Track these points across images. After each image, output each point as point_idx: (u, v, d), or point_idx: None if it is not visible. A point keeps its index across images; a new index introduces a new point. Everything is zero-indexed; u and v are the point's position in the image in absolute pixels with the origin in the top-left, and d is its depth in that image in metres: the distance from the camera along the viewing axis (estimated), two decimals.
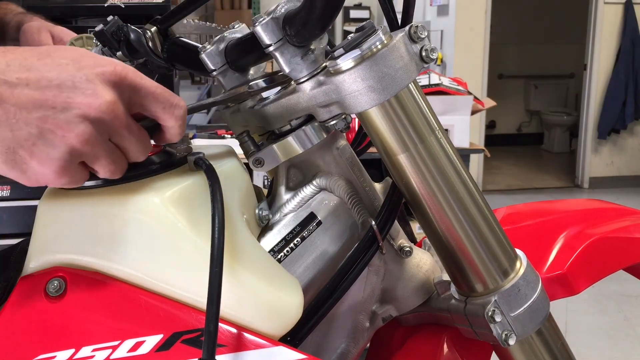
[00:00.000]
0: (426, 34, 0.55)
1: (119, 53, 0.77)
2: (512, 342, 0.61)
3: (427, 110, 0.59)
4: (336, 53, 0.53)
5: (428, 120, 0.59)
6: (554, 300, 0.78)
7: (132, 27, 0.74)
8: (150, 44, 0.72)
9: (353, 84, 0.53)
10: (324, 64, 0.56)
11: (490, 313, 0.61)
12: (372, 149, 0.75)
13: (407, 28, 0.54)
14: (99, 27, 0.77)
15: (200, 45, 0.68)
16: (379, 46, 0.52)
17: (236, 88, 0.62)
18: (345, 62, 0.53)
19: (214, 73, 0.65)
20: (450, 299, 0.67)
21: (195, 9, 0.70)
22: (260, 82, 0.60)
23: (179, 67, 0.73)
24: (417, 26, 0.54)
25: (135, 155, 0.50)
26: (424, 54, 0.55)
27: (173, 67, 0.74)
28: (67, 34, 0.94)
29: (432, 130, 0.59)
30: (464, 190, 0.60)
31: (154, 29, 0.72)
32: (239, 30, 0.68)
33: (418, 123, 0.58)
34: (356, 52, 0.52)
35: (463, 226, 0.61)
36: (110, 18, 0.76)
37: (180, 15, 0.71)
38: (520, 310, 0.62)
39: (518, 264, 0.64)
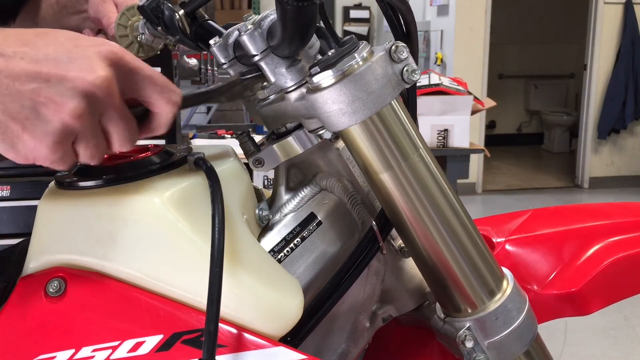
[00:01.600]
0: (407, 54, 0.53)
1: (159, 28, 0.78)
2: None
3: (410, 128, 0.57)
4: (312, 71, 0.52)
5: (411, 138, 0.56)
6: (560, 318, 0.73)
7: (168, 5, 0.75)
8: (180, 24, 0.73)
9: (324, 105, 0.52)
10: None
11: (462, 338, 0.60)
12: None
13: (387, 47, 0.53)
14: (142, 2, 0.77)
15: (224, 31, 0.68)
16: (354, 66, 0.50)
17: (231, 80, 0.62)
18: (319, 81, 0.51)
19: (224, 66, 0.66)
20: (434, 312, 0.67)
21: None
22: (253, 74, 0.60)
23: (204, 48, 0.74)
24: (398, 46, 0.52)
25: (120, 143, 0.48)
26: (405, 74, 0.53)
27: (200, 48, 0.75)
28: (131, 2, 0.95)
29: (415, 148, 0.57)
30: (448, 208, 0.59)
31: (181, 11, 0.73)
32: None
33: (401, 141, 0.56)
34: (328, 73, 0.51)
35: (447, 246, 0.59)
36: None
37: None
38: (498, 337, 0.60)
39: (505, 284, 0.63)
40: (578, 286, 0.72)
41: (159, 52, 0.91)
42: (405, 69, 0.52)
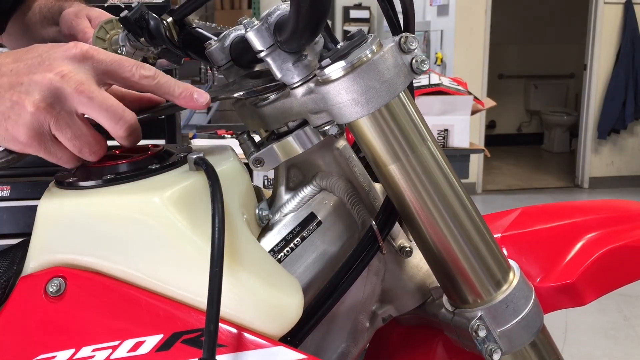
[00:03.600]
0: (416, 45, 0.54)
1: (142, 39, 0.78)
2: (496, 357, 0.60)
3: (419, 120, 0.58)
4: (323, 63, 0.52)
5: (419, 130, 0.57)
6: (558, 309, 0.75)
7: (153, 14, 0.75)
8: (167, 33, 0.72)
9: (337, 95, 0.52)
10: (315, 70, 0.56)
11: (474, 327, 0.60)
12: None
13: (397, 38, 0.53)
14: (124, 13, 0.77)
15: (214, 37, 0.68)
16: (364, 59, 0.51)
17: (227, 89, 0.62)
18: (331, 73, 0.52)
19: (220, 69, 0.66)
20: (441, 306, 0.67)
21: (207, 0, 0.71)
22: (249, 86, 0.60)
23: (193, 56, 0.74)
24: (407, 37, 0.53)
25: (107, 122, 0.54)
26: (414, 65, 0.54)
27: (188, 56, 0.74)
28: (105, 16, 0.96)
29: (423, 140, 0.57)
30: (456, 200, 0.60)
31: (170, 19, 0.72)
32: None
33: (409, 133, 0.57)
34: (341, 64, 0.51)
35: (455, 237, 0.60)
36: (135, 4, 0.76)
37: (196, 5, 0.71)
38: (509, 325, 0.61)
39: (511, 275, 0.64)
40: (573, 278, 0.74)
41: None
42: (414, 59, 0.54)
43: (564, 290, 0.74)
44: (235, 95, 0.60)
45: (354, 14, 6.34)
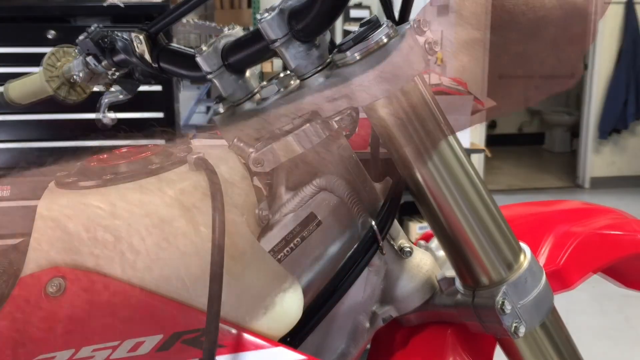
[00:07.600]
0: (429, 28, 0.56)
1: (104, 62, 0.76)
2: (521, 332, 0.61)
3: (433, 104, 0.59)
4: (345, 46, 0.54)
5: (434, 113, 0.59)
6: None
7: (118, 35, 0.74)
8: (138, 51, 0.70)
9: (364, 74, 0.54)
10: (328, 59, 0.57)
11: (500, 304, 0.61)
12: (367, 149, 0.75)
13: (412, 21, 0.55)
14: (82, 36, 0.76)
15: (192, 51, 0.67)
16: (386, 39, 0.53)
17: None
18: (356, 53, 0.53)
19: (211, 75, 0.64)
20: (455, 294, 0.68)
21: (183, 15, 0.69)
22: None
23: (169, 73, 0.71)
24: (422, 20, 0.55)
25: None
26: (427, 46, 0.56)
27: (163, 74, 0.72)
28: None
29: (437, 123, 0.59)
30: (468, 183, 0.61)
31: (142, 35, 0.70)
32: (234, 33, 0.67)
33: (424, 116, 0.58)
34: (366, 44, 0.53)
35: (467, 219, 0.61)
36: (92, 27, 0.75)
37: (169, 21, 0.69)
38: (528, 299, 0.62)
39: (522, 256, 0.65)
40: (560, 263, 0.77)
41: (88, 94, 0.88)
42: (427, 41, 0.56)
43: (553, 276, 0.76)
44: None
45: (354, 13, 6.33)
